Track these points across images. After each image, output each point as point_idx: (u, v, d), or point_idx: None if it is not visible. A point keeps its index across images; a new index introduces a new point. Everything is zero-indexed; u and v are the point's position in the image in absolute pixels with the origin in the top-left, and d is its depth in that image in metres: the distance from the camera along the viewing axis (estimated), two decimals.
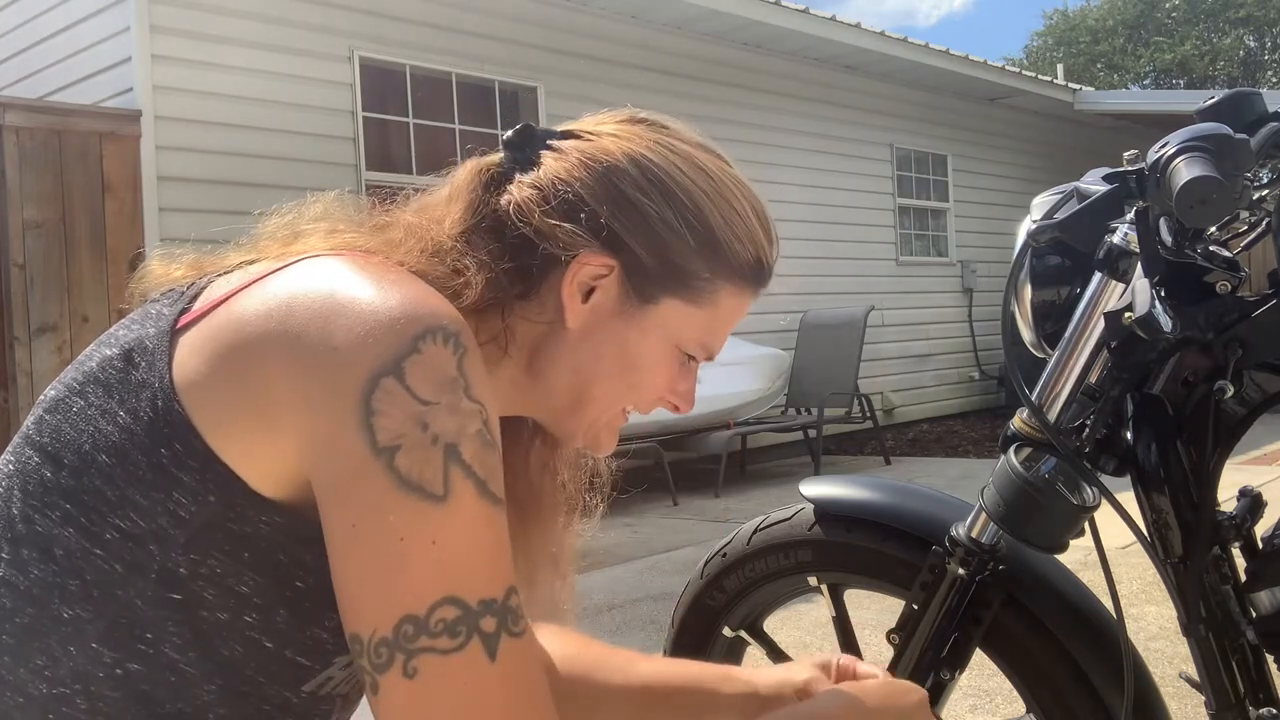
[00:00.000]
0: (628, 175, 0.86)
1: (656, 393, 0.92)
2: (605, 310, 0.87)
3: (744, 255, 0.89)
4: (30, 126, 4.82)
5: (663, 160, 0.87)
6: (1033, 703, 1.27)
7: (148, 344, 0.75)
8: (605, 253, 0.85)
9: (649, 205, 0.85)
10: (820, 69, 8.69)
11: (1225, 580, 1.11)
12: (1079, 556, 1.20)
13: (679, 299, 0.87)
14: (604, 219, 0.85)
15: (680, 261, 0.86)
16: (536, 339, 0.88)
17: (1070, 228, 1.10)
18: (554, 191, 0.86)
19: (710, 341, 0.92)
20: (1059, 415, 1.16)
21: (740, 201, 0.89)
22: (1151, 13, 26.17)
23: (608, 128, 0.91)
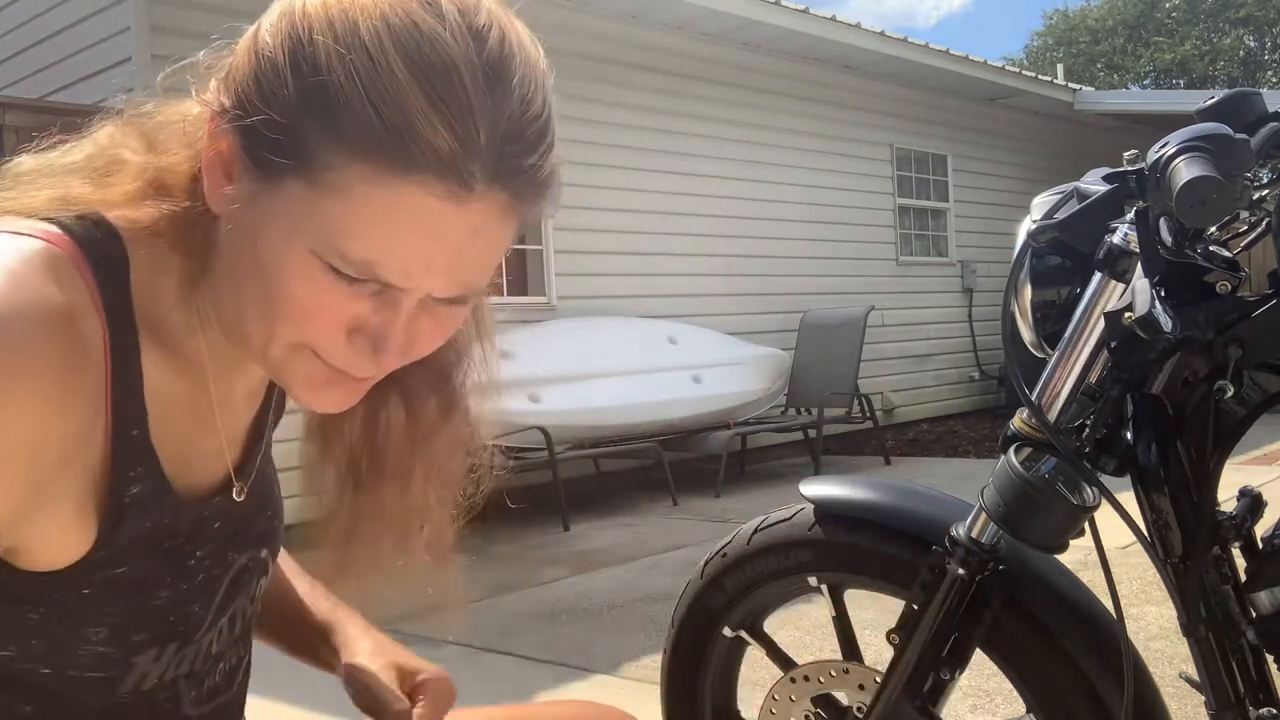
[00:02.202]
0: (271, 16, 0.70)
1: (318, 322, 0.71)
2: (242, 194, 0.70)
3: (366, 119, 0.64)
4: (30, 126, 4.81)
5: None
6: (1033, 703, 1.27)
7: None
8: (228, 114, 0.70)
9: (266, 43, 0.69)
10: (820, 69, 8.69)
11: (1225, 580, 1.11)
12: (1079, 556, 1.20)
13: (295, 179, 0.67)
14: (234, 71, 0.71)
15: (288, 122, 0.67)
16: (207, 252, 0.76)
17: (1070, 228, 1.10)
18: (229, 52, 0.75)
19: (352, 246, 0.67)
20: (1059, 415, 1.16)
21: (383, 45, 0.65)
22: (1151, 13, 26.17)
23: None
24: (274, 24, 0.69)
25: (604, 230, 7.09)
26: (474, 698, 1.08)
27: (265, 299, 0.70)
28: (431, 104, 0.65)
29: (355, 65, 0.65)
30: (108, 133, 0.80)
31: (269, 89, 0.67)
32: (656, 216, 7.39)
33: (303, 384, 0.75)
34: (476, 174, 0.66)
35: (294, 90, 0.66)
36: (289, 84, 0.66)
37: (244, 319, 0.73)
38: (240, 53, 0.72)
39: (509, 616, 3.86)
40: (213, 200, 0.72)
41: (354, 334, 0.72)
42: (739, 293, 7.86)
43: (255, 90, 0.68)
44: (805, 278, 8.34)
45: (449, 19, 0.67)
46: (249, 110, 0.68)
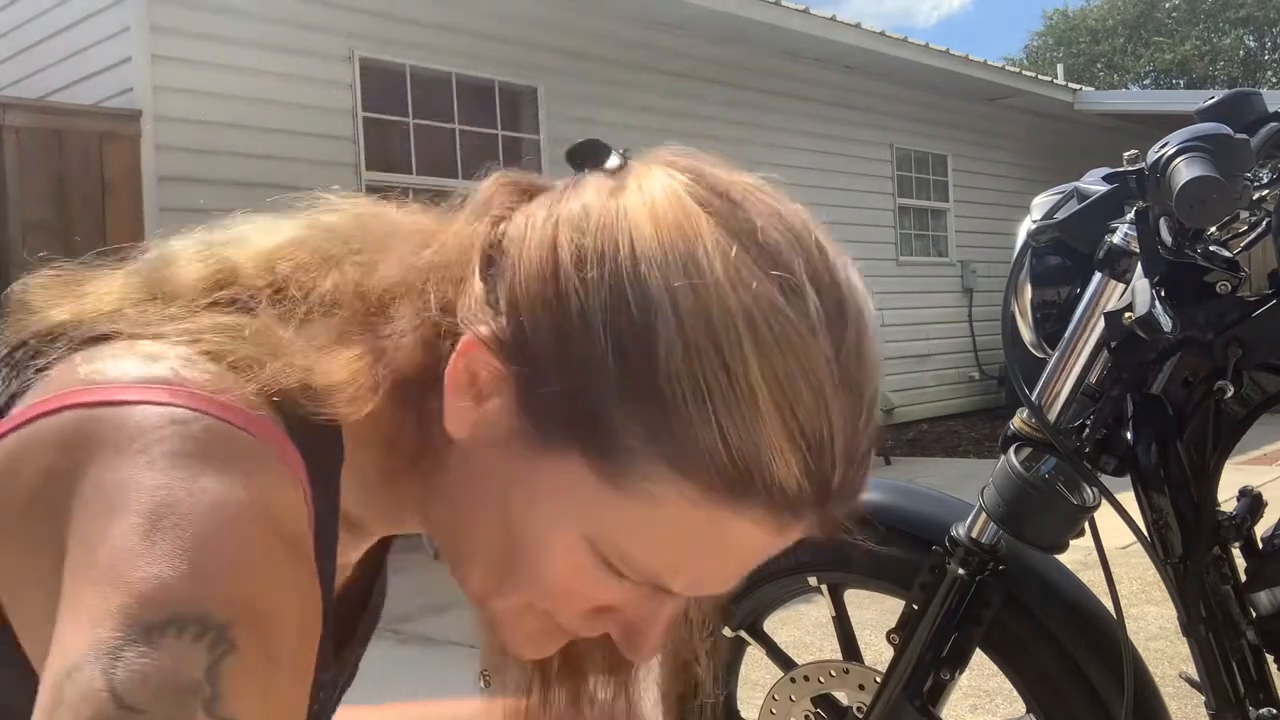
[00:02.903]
0: (581, 238, 0.56)
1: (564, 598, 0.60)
2: (497, 434, 0.58)
3: (710, 443, 0.52)
4: (30, 126, 4.82)
5: (649, 230, 0.55)
6: (1033, 703, 1.27)
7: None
8: (501, 348, 0.57)
9: (577, 292, 0.54)
10: (820, 69, 8.69)
11: (1225, 580, 1.11)
12: (1079, 556, 1.20)
13: (584, 460, 0.55)
14: (519, 295, 0.56)
15: (592, 400, 0.54)
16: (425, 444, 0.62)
17: (1070, 228, 1.10)
18: (518, 235, 0.59)
19: (644, 556, 0.57)
20: (1059, 415, 1.16)
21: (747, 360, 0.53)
22: (1151, 13, 26.18)
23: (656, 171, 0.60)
24: (586, 251, 0.55)
25: None
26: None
27: (508, 561, 0.60)
28: (791, 441, 0.54)
29: (705, 374, 0.52)
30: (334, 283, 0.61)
31: (578, 355, 0.54)
32: None
33: (522, 639, 0.65)
34: (813, 506, 0.57)
35: (615, 375, 0.53)
36: (609, 364, 0.53)
37: (469, 563, 0.62)
38: (531, 271, 0.56)
39: None
40: (452, 419, 0.58)
41: (601, 613, 0.62)
42: None
43: (554, 346, 0.55)
44: None
45: (812, 310, 0.55)
46: (539, 365, 0.55)
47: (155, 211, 5.16)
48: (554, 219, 0.58)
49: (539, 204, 0.60)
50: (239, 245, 0.65)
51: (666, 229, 0.55)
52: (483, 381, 0.58)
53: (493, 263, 0.59)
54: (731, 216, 0.56)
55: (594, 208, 0.57)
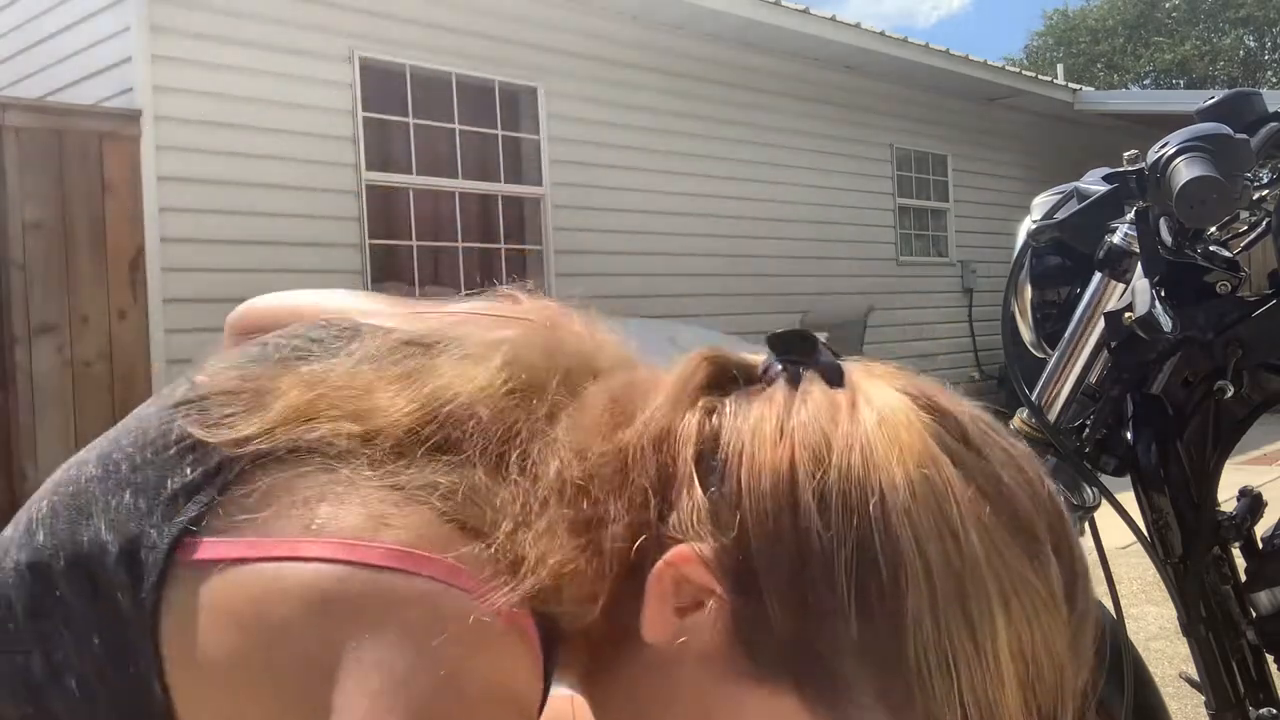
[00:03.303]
0: (824, 475, 0.53)
1: None
2: (700, 649, 0.55)
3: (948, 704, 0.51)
4: (30, 126, 4.82)
5: (901, 483, 0.53)
6: None
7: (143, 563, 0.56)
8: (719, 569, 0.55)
9: (818, 534, 0.52)
10: (820, 69, 8.69)
11: (1225, 580, 1.11)
12: None
13: (801, 698, 0.53)
14: (749, 520, 0.54)
15: (823, 645, 0.52)
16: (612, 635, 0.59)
17: (1070, 228, 1.10)
18: (730, 442, 0.56)
19: None
20: (1059, 415, 1.16)
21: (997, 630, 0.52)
22: (1151, 13, 26.17)
23: (883, 395, 0.57)
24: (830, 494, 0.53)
25: (604, 230, 7.09)
26: None
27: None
28: (1029, 712, 0.53)
29: (954, 645, 0.51)
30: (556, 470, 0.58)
31: (814, 603, 0.52)
32: (657, 216, 7.38)
33: None
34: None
35: (856, 630, 0.52)
36: (850, 620, 0.52)
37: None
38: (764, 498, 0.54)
39: None
40: (652, 626, 0.56)
41: None
42: (739, 293, 7.86)
43: (787, 587, 0.53)
44: (805, 278, 8.34)
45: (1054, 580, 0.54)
46: (765, 601, 0.53)
47: (155, 211, 5.16)
48: (788, 441, 0.55)
49: (758, 407, 0.57)
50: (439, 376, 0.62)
51: (918, 481, 0.53)
52: (691, 595, 0.55)
53: (710, 469, 0.56)
54: (976, 468, 0.54)
55: (833, 436, 0.54)
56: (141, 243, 5.05)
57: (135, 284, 5.01)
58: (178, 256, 5.19)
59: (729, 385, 0.60)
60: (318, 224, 5.75)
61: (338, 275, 5.80)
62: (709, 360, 0.61)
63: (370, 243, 5.96)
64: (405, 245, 6.29)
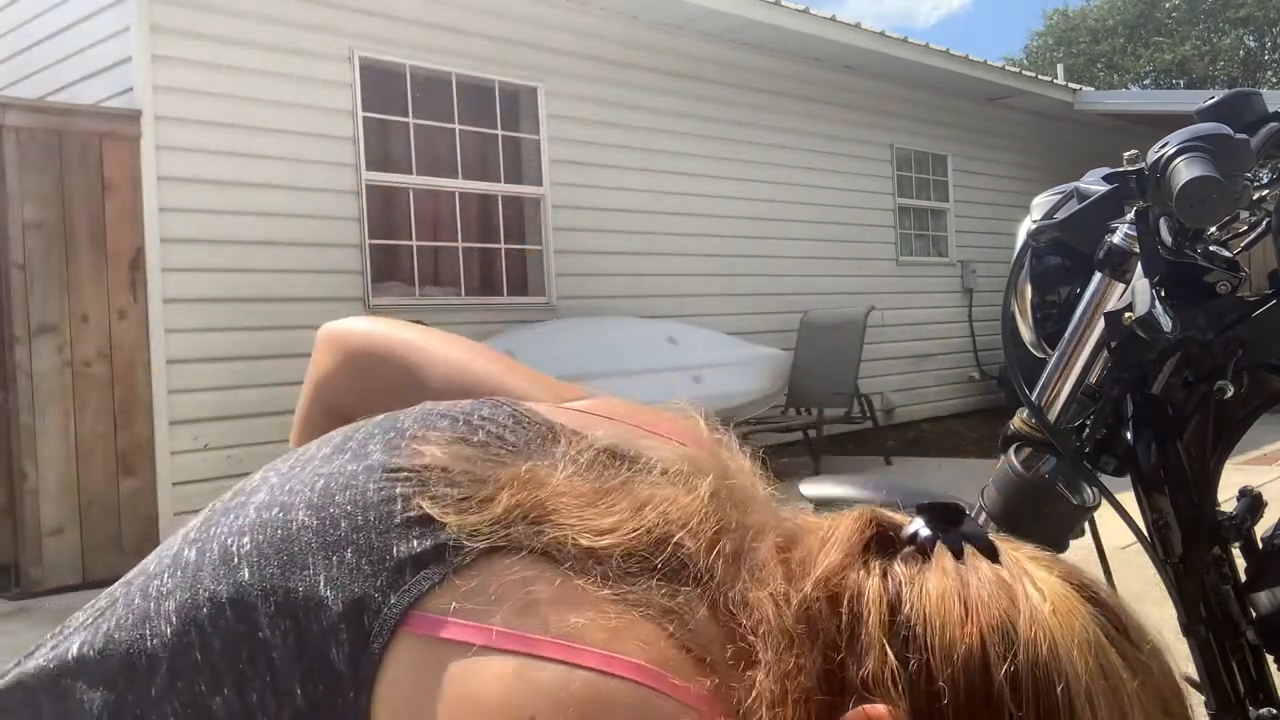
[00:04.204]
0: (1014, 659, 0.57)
1: None
2: None
3: None
4: (30, 126, 4.82)
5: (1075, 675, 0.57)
6: None
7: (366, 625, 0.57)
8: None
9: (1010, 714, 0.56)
10: (820, 69, 8.69)
11: (1225, 580, 1.11)
12: (1079, 556, 1.20)
13: None
14: (942, 690, 0.57)
15: None
16: None
17: (1070, 228, 1.10)
18: (916, 613, 0.59)
19: None
20: (1059, 415, 1.16)
21: None
22: (1151, 13, 26.18)
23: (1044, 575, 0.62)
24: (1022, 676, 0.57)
25: (604, 230, 7.09)
26: None
27: None
28: None
29: None
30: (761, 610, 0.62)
31: None
32: (657, 216, 7.39)
33: None
34: None
35: None
36: None
37: None
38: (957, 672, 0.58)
39: None
40: None
41: None
42: (739, 293, 7.86)
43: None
44: (805, 278, 8.34)
45: None
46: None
47: (155, 211, 5.16)
48: (975, 619, 0.58)
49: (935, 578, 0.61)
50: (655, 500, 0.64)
51: (1094, 672, 0.58)
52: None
53: (897, 635, 0.59)
54: (1133, 658, 0.60)
55: (1016, 621, 0.58)
56: (141, 243, 5.05)
57: (135, 284, 5.01)
58: (178, 256, 5.19)
59: (888, 546, 0.63)
60: (318, 224, 5.75)
61: (338, 275, 5.80)
62: (874, 520, 0.64)
63: (370, 243, 5.96)
64: (405, 245, 6.29)
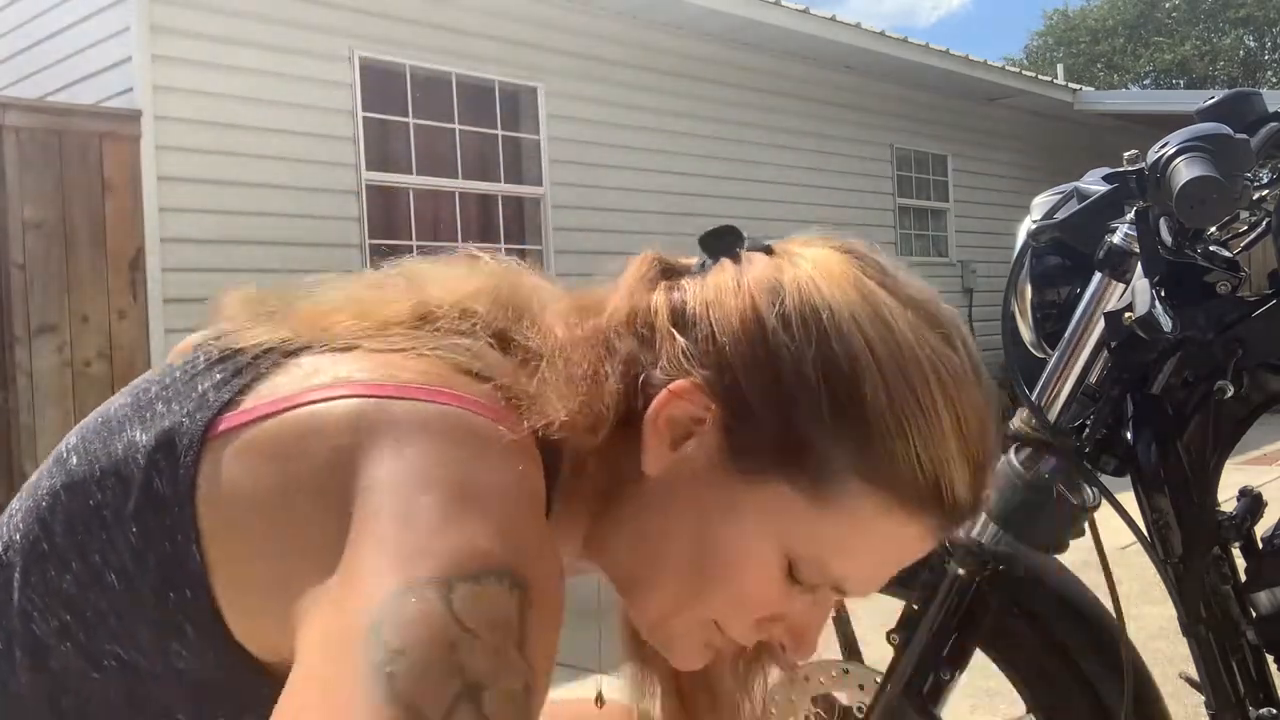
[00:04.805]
0: (781, 304, 0.66)
1: (746, 610, 0.69)
2: (694, 469, 0.67)
3: (908, 463, 0.64)
4: (30, 126, 4.81)
5: (840, 296, 0.66)
6: (1033, 703, 1.27)
7: (177, 445, 0.60)
8: (710, 393, 0.66)
9: (786, 347, 0.65)
10: (820, 69, 8.69)
11: (1225, 580, 1.11)
12: (1079, 556, 1.20)
13: (790, 484, 0.65)
14: (726, 350, 0.66)
15: (804, 433, 0.64)
16: (612, 482, 0.69)
17: (1070, 228, 1.10)
18: (696, 303, 0.68)
19: (840, 569, 0.67)
20: (1059, 415, 1.16)
21: (934, 396, 0.65)
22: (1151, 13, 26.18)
23: (811, 250, 0.70)
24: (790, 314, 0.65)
25: (604, 230, 7.09)
26: None
27: (698, 578, 0.68)
28: (965, 460, 0.66)
29: (904, 408, 0.64)
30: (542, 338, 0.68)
31: (789, 395, 0.64)
32: (656, 216, 7.38)
33: (691, 652, 0.73)
34: (966, 515, 0.69)
35: (825, 409, 0.64)
36: (823, 406, 0.64)
37: (651, 588, 0.70)
38: (736, 331, 0.66)
39: None
40: (653, 459, 0.67)
41: (768, 621, 0.70)
42: None
43: (768, 393, 0.65)
44: None
45: (966, 358, 0.68)
46: (749, 409, 0.65)
47: (155, 211, 5.16)
48: (745, 289, 0.67)
49: (713, 276, 0.70)
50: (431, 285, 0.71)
51: (855, 299, 0.66)
52: (684, 424, 0.66)
53: (683, 324, 0.68)
54: (894, 286, 0.68)
55: (781, 280, 0.67)
56: (141, 243, 5.05)
57: (135, 284, 5.01)
58: (178, 256, 5.19)
59: (678, 275, 0.72)
60: (318, 224, 5.75)
61: None
62: (655, 258, 0.73)
63: (370, 242, 5.96)
64: (405, 245, 6.28)
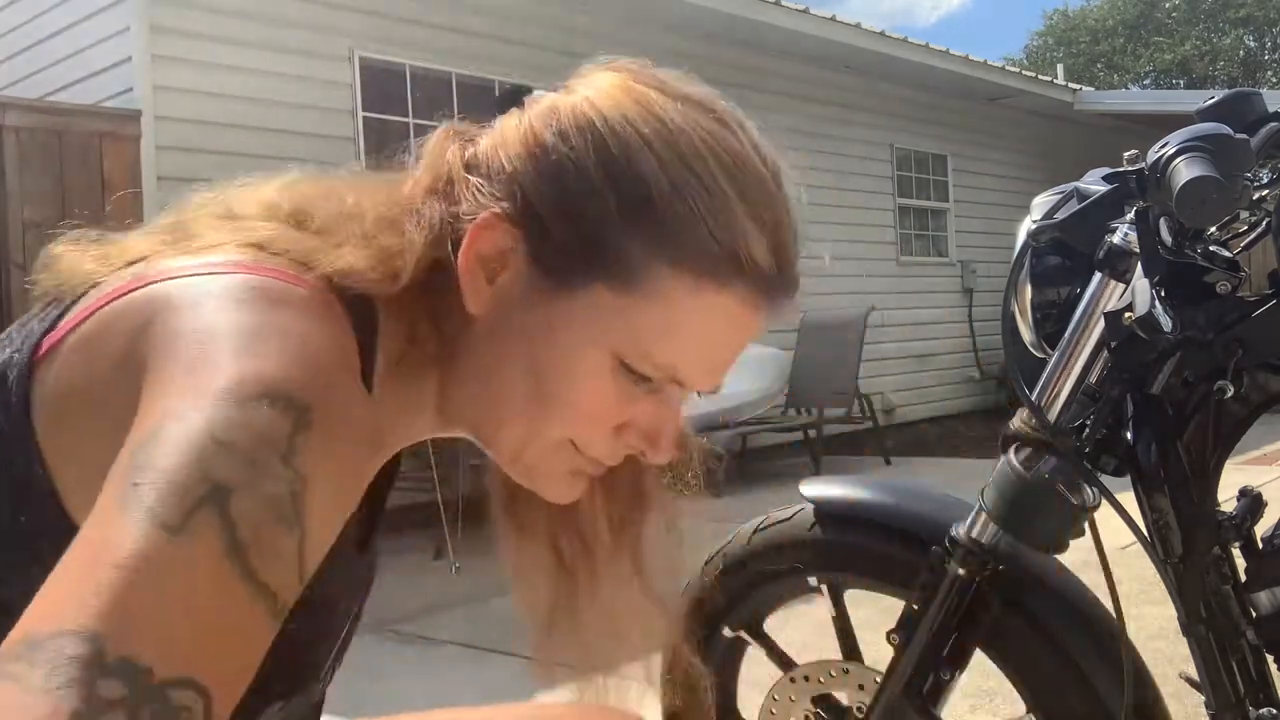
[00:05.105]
0: (558, 121, 0.69)
1: (594, 421, 0.70)
2: (514, 298, 0.69)
3: (701, 236, 0.67)
4: (30, 126, 4.81)
5: (611, 103, 0.69)
6: (1033, 703, 1.27)
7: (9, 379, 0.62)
8: (511, 220, 0.68)
9: (567, 158, 0.67)
10: (820, 69, 8.69)
11: (1225, 580, 1.11)
12: (1079, 556, 1.20)
13: (603, 284, 0.67)
14: (517, 176, 0.69)
15: (602, 233, 0.67)
16: (447, 342, 0.72)
17: (1070, 228, 1.10)
18: (487, 146, 0.72)
19: (667, 356, 0.69)
20: (1059, 415, 1.16)
21: (713, 172, 0.68)
22: (1151, 13, 26.18)
23: (588, 78, 0.73)
24: (566, 128, 0.68)
25: None
26: (474, 697, 1.08)
27: (536, 400, 0.69)
28: (757, 224, 0.69)
29: (688, 189, 0.67)
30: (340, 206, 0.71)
31: (582, 206, 0.67)
32: None
33: (556, 480, 0.74)
34: (784, 290, 0.73)
35: (614, 204, 0.67)
36: (611, 205, 0.67)
37: (500, 424, 0.72)
38: (522, 157, 0.69)
39: (510, 616, 3.85)
40: (473, 298, 0.69)
41: (622, 430, 0.72)
42: None
43: (560, 206, 0.68)
44: (805, 277, 8.28)
45: (744, 138, 0.71)
46: (548, 225, 0.68)
47: (155, 211, 5.04)
48: (525, 122, 0.71)
49: (500, 122, 0.73)
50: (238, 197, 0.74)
51: (627, 101, 0.69)
52: (495, 258, 0.69)
53: (477, 167, 0.71)
54: (668, 88, 0.71)
55: (557, 104, 0.71)
56: None
57: None
58: None
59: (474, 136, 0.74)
60: None
61: None
62: (453, 128, 0.75)
63: None
64: None
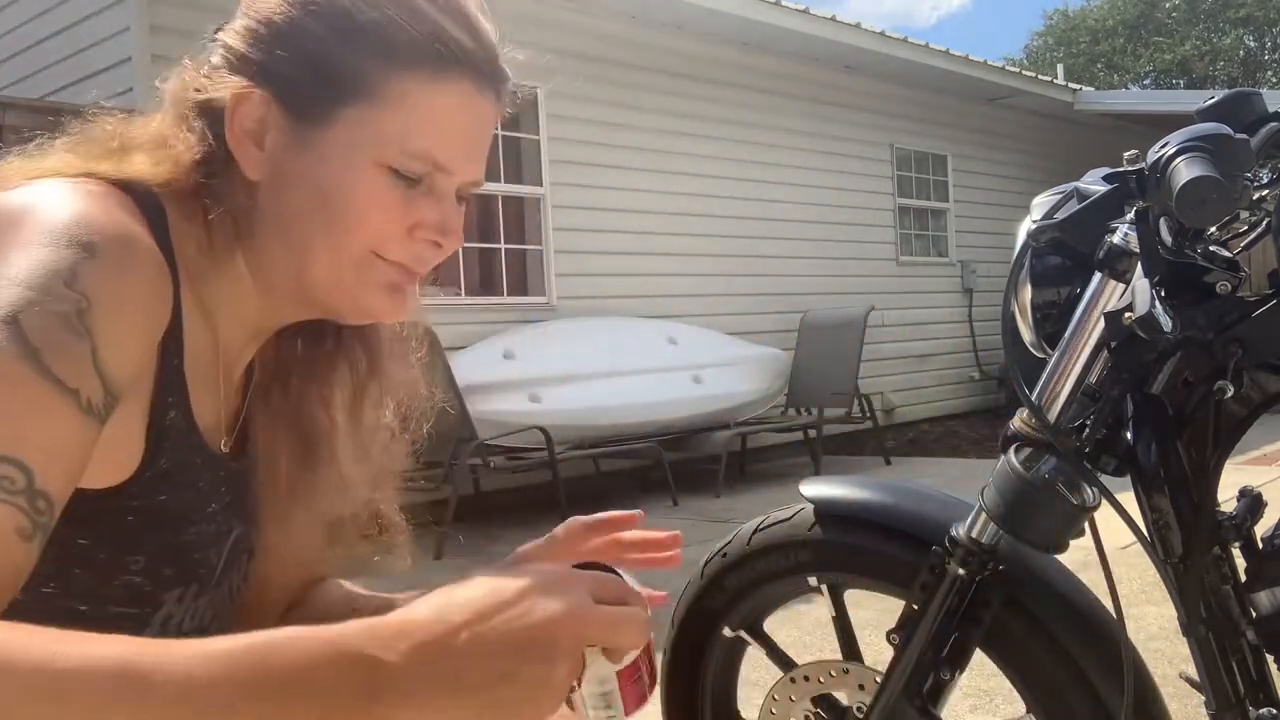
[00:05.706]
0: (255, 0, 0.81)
1: (387, 227, 0.81)
2: (283, 150, 0.80)
3: (405, 38, 0.78)
4: (30, 126, 4.81)
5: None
6: (1033, 703, 1.27)
7: None
8: (255, 84, 0.79)
9: (274, 13, 0.79)
10: (820, 69, 8.69)
11: (1225, 580, 1.11)
12: (1079, 556, 1.20)
13: (350, 106, 0.78)
14: (243, 49, 0.80)
15: (328, 62, 0.78)
16: (242, 216, 0.81)
17: (1070, 228, 1.10)
18: (220, 50, 0.82)
19: (421, 145, 0.80)
20: (1059, 415, 1.16)
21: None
22: (1151, 13, 26.19)
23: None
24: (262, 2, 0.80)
25: (604, 230, 7.09)
26: None
27: (331, 225, 0.79)
28: (448, 16, 0.80)
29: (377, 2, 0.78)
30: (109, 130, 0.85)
31: (297, 41, 0.78)
32: (657, 216, 7.38)
33: (383, 290, 0.83)
34: (495, 74, 0.85)
35: (331, 36, 0.78)
36: (316, 29, 0.78)
37: (309, 261, 0.81)
38: (236, 41, 0.81)
39: None
40: (250, 166, 0.79)
41: (414, 230, 0.82)
42: (739, 293, 7.86)
43: (283, 49, 0.79)
44: (805, 278, 8.33)
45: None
46: (283, 71, 0.79)
47: None
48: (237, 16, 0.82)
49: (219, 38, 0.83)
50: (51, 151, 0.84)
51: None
52: (257, 124, 0.79)
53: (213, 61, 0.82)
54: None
55: None
56: None
57: None
58: None
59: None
60: None
61: None
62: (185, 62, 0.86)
63: None
64: None
